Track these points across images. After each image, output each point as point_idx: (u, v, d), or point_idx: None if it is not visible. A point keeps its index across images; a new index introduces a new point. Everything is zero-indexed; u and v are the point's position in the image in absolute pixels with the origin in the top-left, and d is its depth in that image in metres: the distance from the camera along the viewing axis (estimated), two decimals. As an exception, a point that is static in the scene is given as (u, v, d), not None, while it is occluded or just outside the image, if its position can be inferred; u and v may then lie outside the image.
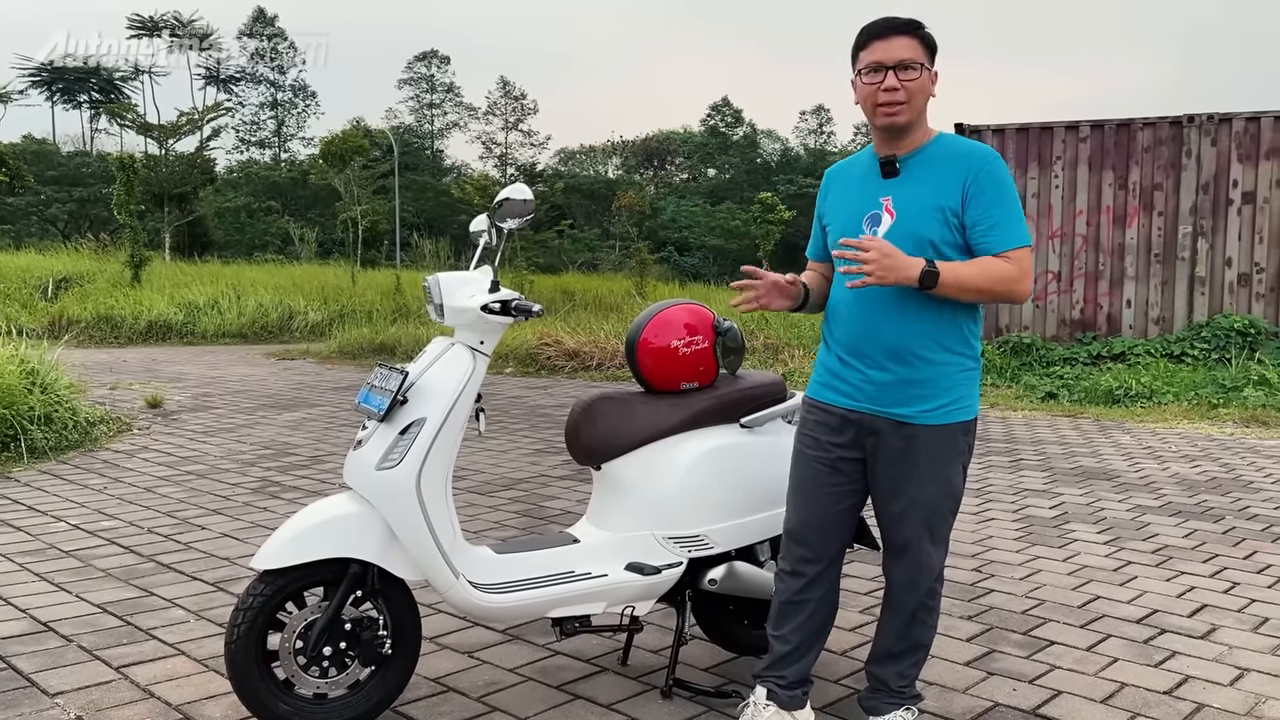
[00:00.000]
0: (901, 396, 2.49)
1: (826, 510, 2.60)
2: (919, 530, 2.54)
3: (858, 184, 2.59)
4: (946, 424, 2.50)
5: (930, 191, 2.45)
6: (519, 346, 12.72)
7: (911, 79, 2.44)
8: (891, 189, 2.50)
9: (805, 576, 2.63)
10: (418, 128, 70.36)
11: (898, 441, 2.51)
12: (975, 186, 2.42)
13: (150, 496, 5.53)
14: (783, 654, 2.65)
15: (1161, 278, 11.20)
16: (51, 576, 4.06)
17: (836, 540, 2.64)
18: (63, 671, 3.10)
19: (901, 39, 2.45)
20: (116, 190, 20.22)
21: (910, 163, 2.50)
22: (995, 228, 2.42)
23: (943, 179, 2.45)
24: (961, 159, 2.46)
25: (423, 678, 3.04)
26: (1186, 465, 6.64)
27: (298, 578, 2.60)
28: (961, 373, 2.52)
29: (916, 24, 2.48)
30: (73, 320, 16.27)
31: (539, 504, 5.45)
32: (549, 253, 37.37)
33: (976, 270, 2.41)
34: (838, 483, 2.59)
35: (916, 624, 2.64)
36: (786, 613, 2.66)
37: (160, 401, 9.04)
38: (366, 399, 2.68)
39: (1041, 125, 11.65)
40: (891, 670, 2.66)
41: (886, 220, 2.49)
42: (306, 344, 15.95)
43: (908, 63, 2.43)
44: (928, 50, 2.48)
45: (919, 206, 2.46)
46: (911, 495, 2.53)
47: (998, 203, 2.43)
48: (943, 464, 2.52)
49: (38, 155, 46.82)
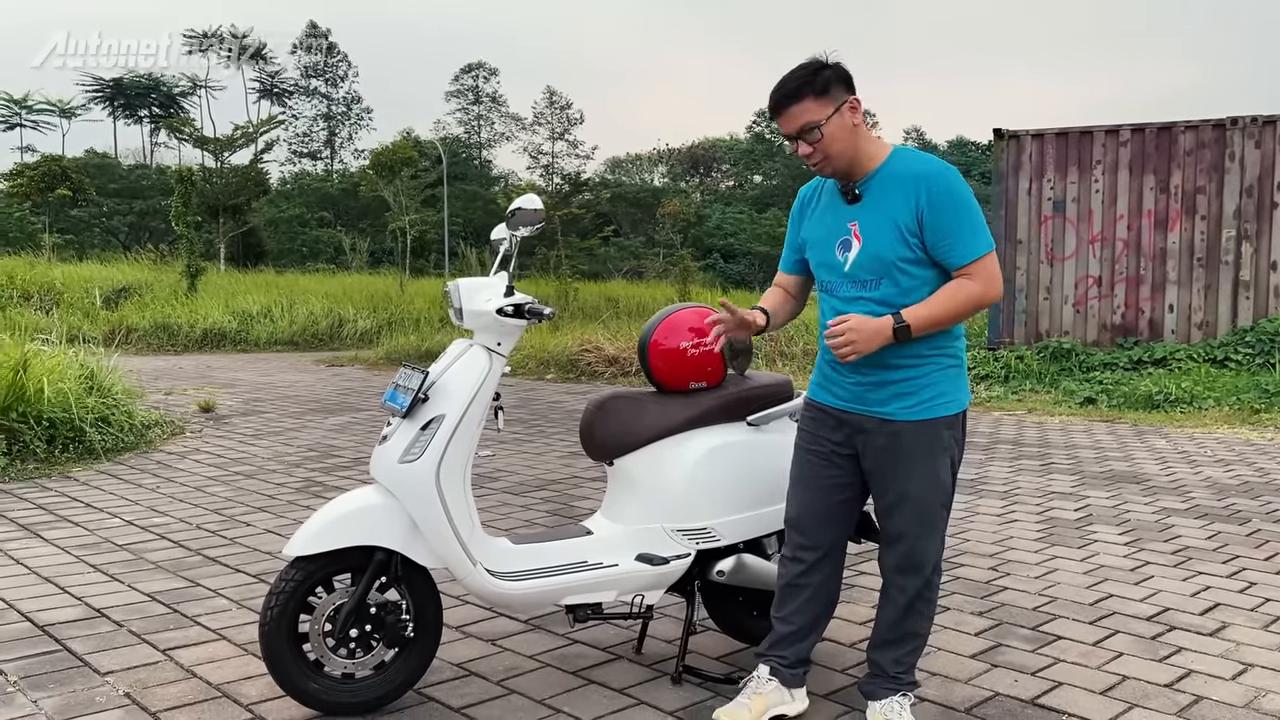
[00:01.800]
0: (883, 396, 2.63)
1: (823, 502, 2.75)
2: (910, 523, 2.67)
3: (828, 210, 2.72)
4: (929, 419, 2.62)
5: (888, 214, 2.57)
6: (560, 352, 12.92)
7: (818, 139, 2.55)
8: (856, 214, 2.62)
9: (804, 563, 2.77)
10: (466, 139, 71.17)
11: (883, 438, 2.64)
12: (928, 205, 2.52)
13: (200, 495, 5.78)
14: (785, 634, 2.80)
15: (1204, 282, 11.09)
16: (106, 568, 4.30)
17: (833, 530, 2.78)
18: (113, 653, 3.31)
19: (793, 107, 2.55)
20: (174, 202, 20.81)
21: (869, 186, 2.62)
22: (954, 244, 2.53)
23: (897, 200, 2.56)
24: (914, 179, 2.55)
25: (446, 662, 3.21)
26: (1220, 469, 6.62)
27: (327, 564, 2.78)
28: (940, 371, 2.63)
29: (803, 84, 2.52)
30: (131, 328, 16.79)
31: (569, 504, 5.61)
32: (594, 260, 37.66)
33: (943, 303, 2.54)
34: (833, 476, 2.74)
35: (912, 614, 2.74)
36: (787, 595, 2.80)
37: (213, 406, 9.36)
38: (392, 397, 2.85)
39: (1081, 129, 11.61)
40: (889, 657, 2.77)
41: (855, 245, 2.61)
42: (355, 351, 16.30)
43: (806, 128, 2.54)
44: (829, 95, 2.53)
45: (879, 229, 2.57)
46: (899, 490, 2.65)
47: (952, 218, 2.53)
48: (928, 458, 2.64)
49: (100, 169, 48.16)
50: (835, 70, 2.55)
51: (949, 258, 2.55)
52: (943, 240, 2.53)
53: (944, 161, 2.63)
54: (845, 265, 2.63)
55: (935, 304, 2.54)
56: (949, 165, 2.59)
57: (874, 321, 2.51)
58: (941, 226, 2.52)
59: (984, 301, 2.56)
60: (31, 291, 20.16)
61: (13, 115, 61.38)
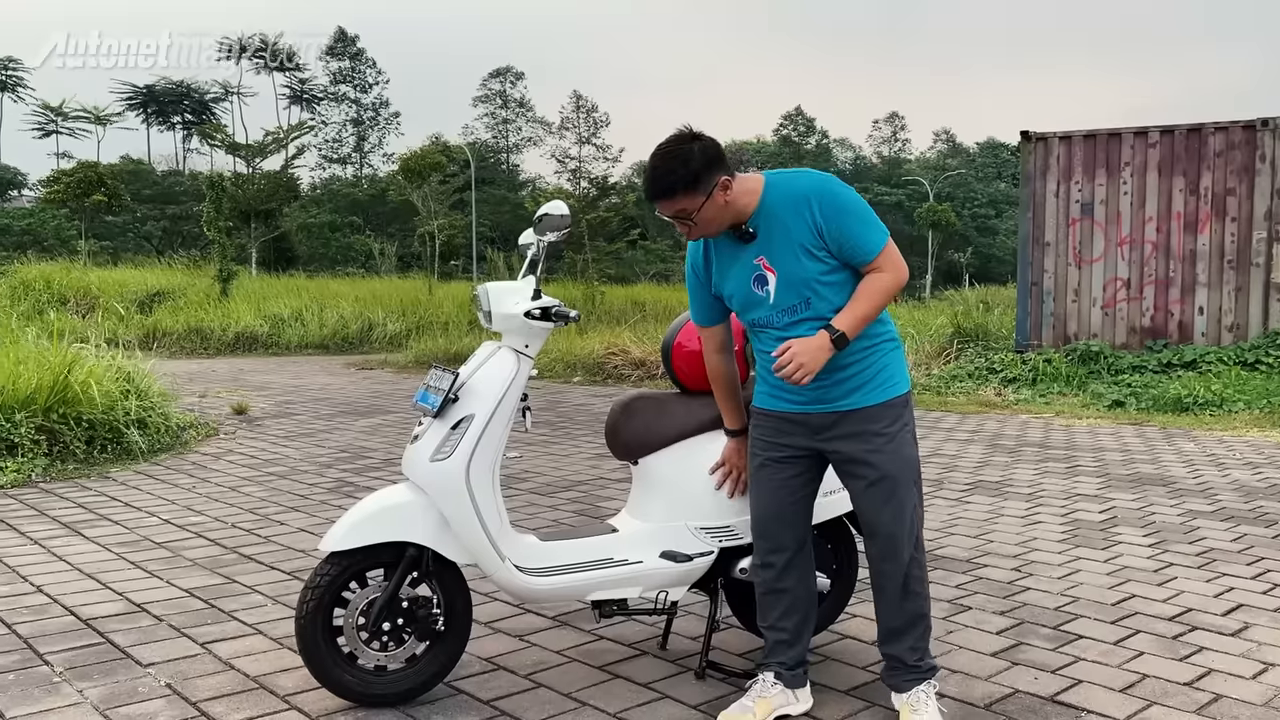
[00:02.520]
0: (843, 390, 2.74)
1: (784, 503, 2.85)
2: (887, 504, 2.75)
3: (729, 255, 2.79)
4: (889, 399, 2.75)
5: (789, 239, 2.67)
6: (587, 356, 13.02)
7: (691, 225, 2.68)
8: (759, 249, 2.72)
9: (775, 567, 2.87)
10: (493, 143, 71.60)
11: (850, 427, 2.74)
12: (823, 219, 2.64)
13: (234, 495, 5.91)
14: (778, 642, 2.89)
15: (1235, 284, 11.02)
16: (145, 565, 4.42)
17: (797, 530, 2.88)
18: (154, 646, 3.42)
19: (664, 203, 2.67)
20: (206, 208, 21.14)
21: (759, 221, 2.71)
22: (857, 245, 2.66)
23: (792, 223, 2.66)
24: (800, 200, 2.66)
25: (475, 656, 3.29)
26: (1248, 472, 6.60)
27: (360, 559, 2.86)
28: (886, 354, 2.78)
29: (672, 184, 2.61)
30: (165, 332, 17.06)
31: (595, 504, 5.69)
32: (621, 264, 37.76)
33: (865, 300, 2.65)
34: (791, 477, 2.84)
35: (910, 596, 2.81)
36: (769, 604, 2.90)
37: (246, 408, 9.52)
38: (423, 397, 2.94)
39: (1109, 131, 11.56)
40: (903, 646, 2.84)
41: (770, 276, 2.71)
42: (385, 354, 16.50)
43: (679, 215, 2.67)
44: (698, 187, 2.61)
45: (786, 256, 2.68)
46: (875, 473, 2.74)
47: (847, 222, 2.65)
48: (896, 436, 2.75)
49: (134, 175, 48.91)
50: (703, 156, 2.62)
51: (855, 258, 2.67)
52: (846, 244, 2.65)
53: (815, 172, 2.75)
54: (770, 298, 2.73)
55: (859, 304, 2.65)
56: (823, 174, 2.73)
57: (812, 340, 2.61)
58: (841, 233, 2.65)
59: (898, 286, 2.69)
60: (68, 296, 20.55)
61: (48, 122, 62.42)
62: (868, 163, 75.90)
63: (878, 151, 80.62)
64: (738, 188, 2.68)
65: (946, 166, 71.57)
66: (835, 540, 3.36)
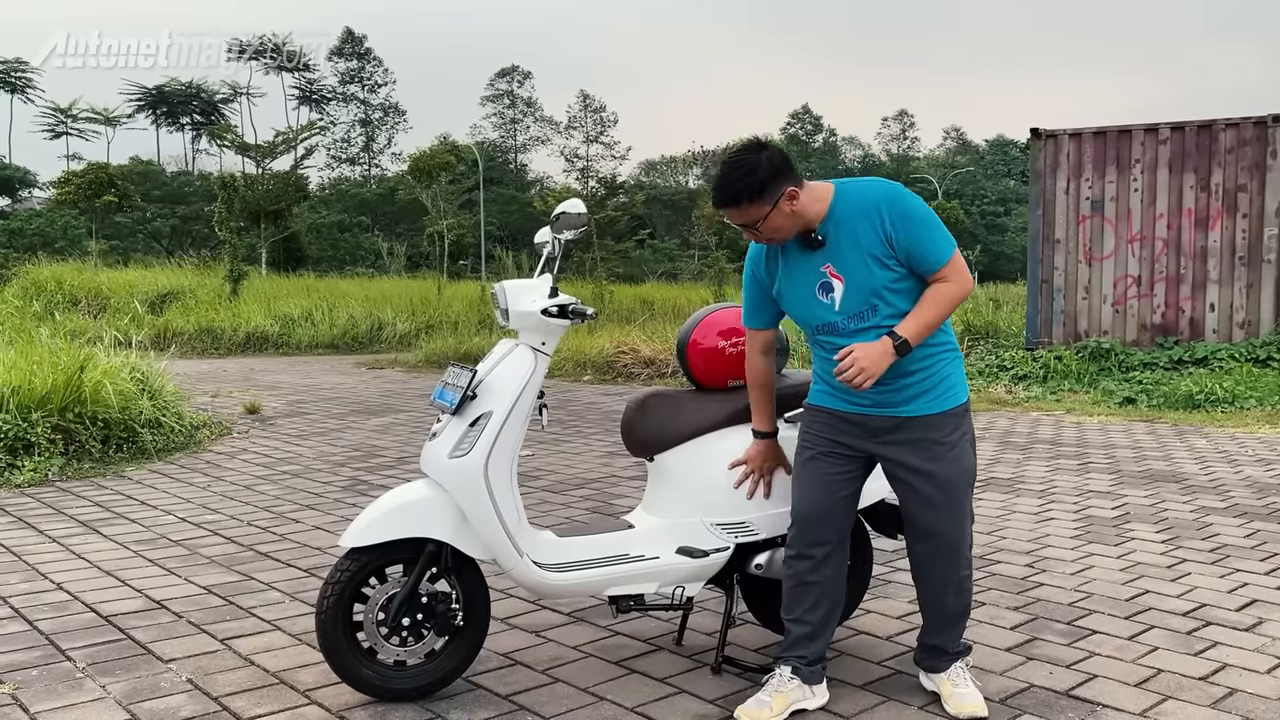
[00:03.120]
0: (906, 396, 2.77)
1: (831, 497, 2.87)
2: (944, 511, 2.79)
3: (795, 260, 2.82)
4: (950, 408, 2.79)
5: (858, 247, 2.70)
6: (596, 354, 13.04)
7: (759, 232, 2.72)
8: (826, 256, 2.75)
9: (813, 559, 2.88)
10: (501, 143, 71.68)
11: (908, 434, 2.78)
12: (893, 227, 2.68)
13: (249, 493, 5.94)
14: (801, 635, 2.90)
15: (1246, 281, 10.99)
16: (163, 562, 4.46)
17: (840, 525, 2.90)
18: (174, 642, 3.45)
19: (733, 210, 2.71)
20: (217, 208, 21.22)
21: (828, 229, 2.74)
22: (926, 254, 2.69)
23: (862, 232, 2.69)
24: (871, 209, 2.69)
25: (493, 652, 3.32)
26: (1261, 469, 6.59)
27: (380, 555, 2.89)
28: (948, 364, 2.81)
29: (739, 192, 2.66)
30: (176, 332, 17.13)
31: (608, 501, 5.71)
32: (629, 263, 37.80)
33: (928, 310, 2.69)
34: (841, 474, 2.87)
35: (960, 594, 2.89)
36: (799, 595, 2.91)
37: (258, 408, 9.57)
38: (441, 395, 2.96)
39: (1119, 128, 11.54)
40: (946, 637, 2.93)
41: (837, 285, 2.74)
42: (395, 354, 16.54)
43: (749, 222, 2.71)
44: (763, 197, 2.66)
45: (856, 264, 2.71)
46: (934, 480, 2.77)
47: (918, 232, 2.69)
48: (956, 445, 2.78)
49: (144, 175, 49.11)
50: (770, 165, 2.66)
51: (923, 267, 2.71)
52: (915, 253, 2.69)
53: (886, 181, 2.78)
54: (835, 305, 2.76)
55: (924, 313, 2.68)
56: (894, 184, 2.75)
57: (875, 346, 2.65)
58: (911, 242, 2.68)
59: (962, 297, 2.73)
60: (79, 297, 20.65)
61: (58, 124, 62.68)
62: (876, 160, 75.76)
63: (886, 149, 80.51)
64: (806, 197, 2.71)
65: (955, 164, 71.43)
66: (852, 536, 3.37)
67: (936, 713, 2.88)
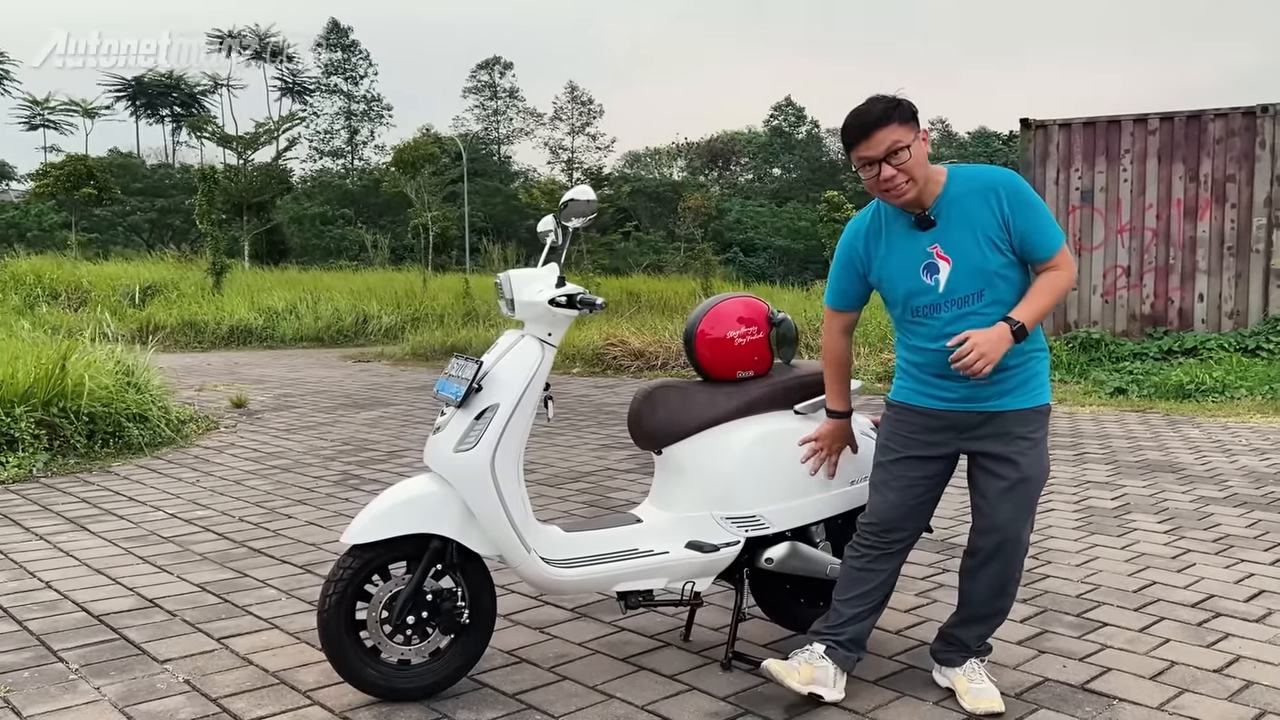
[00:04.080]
0: (997, 390, 2.74)
1: (916, 497, 2.86)
2: (1017, 506, 2.77)
3: (899, 240, 2.78)
4: (1037, 405, 2.78)
5: (973, 229, 2.68)
6: (585, 347, 12.97)
7: (903, 161, 2.64)
8: (935, 237, 2.72)
9: (880, 551, 2.87)
10: (485, 134, 71.33)
11: (995, 427, 2.76)
12: (1010, 210, 2.66)
13: (239, 488, 5.85)
14: (849, 616, 2.87)
15: (1235, 271, 11.02)
16: (154, 559, 4.37)
17: (918, 524, 2.91)
18: (169, 641, 3.37)
19: (880, 131, 2.64)
20: (199, 200, 20.98)
21: (940, 209, 2.71)
22: (1038, 241, 2.69)
23: (978, 214, 2.67)
24: (986, 190, 2.68)
25: (497, 650, 3.25)
26: (1256, 458, 6.59)
27: (383, 552, 2.81)
28: (1038, 361, 2.81)
29: (889, 109, 2.63)
30: (159, 326, 16.95)
31: (605, 495, 5.65)
32: (615, 255, 37.71)
33: (1043, 297, 2.68)
34: (926, 476, 2.85)
35: (1004, 595, 2.88)
36: (857, 580, 2.88)
37: (245, 402, 9.45)
38: (445, 387, 2.89)
39: (1109, 119, 11.54)
40: (973, 633, 2.90)
41: (943, 266, 2.71)
42: (381, 347, 16.41)
43: (894, 148, 2.63)
44: (910, 121, 2.64)
45: (969, 245, 2.68)
46: (1016, 475, 2.76)
47: (1032, 217, 2.68)
48: (1039, 442, 2.79)
49: (123, 168, 48.55)
50: (909, 104, 2.67)
51: (1035, 254, 2.70)
52: (1029, 239, 2.68)
53: (1000, 167, 2.77)
54: (939, 287, 2.72)
55: (1037, 300, 2.68)
56: (1007, 170, 2.74)
57: (992, 331, 2.62)
58: (1025, 228, 2.68)
59: (1070, 286, 2.75)
60: (59, 290, 20.41)
61: (34, 115, 61.95)
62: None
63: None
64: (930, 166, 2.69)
65: (940, 155, 71.58)
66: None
67: (952, 708, 2.84)
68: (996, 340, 2.59)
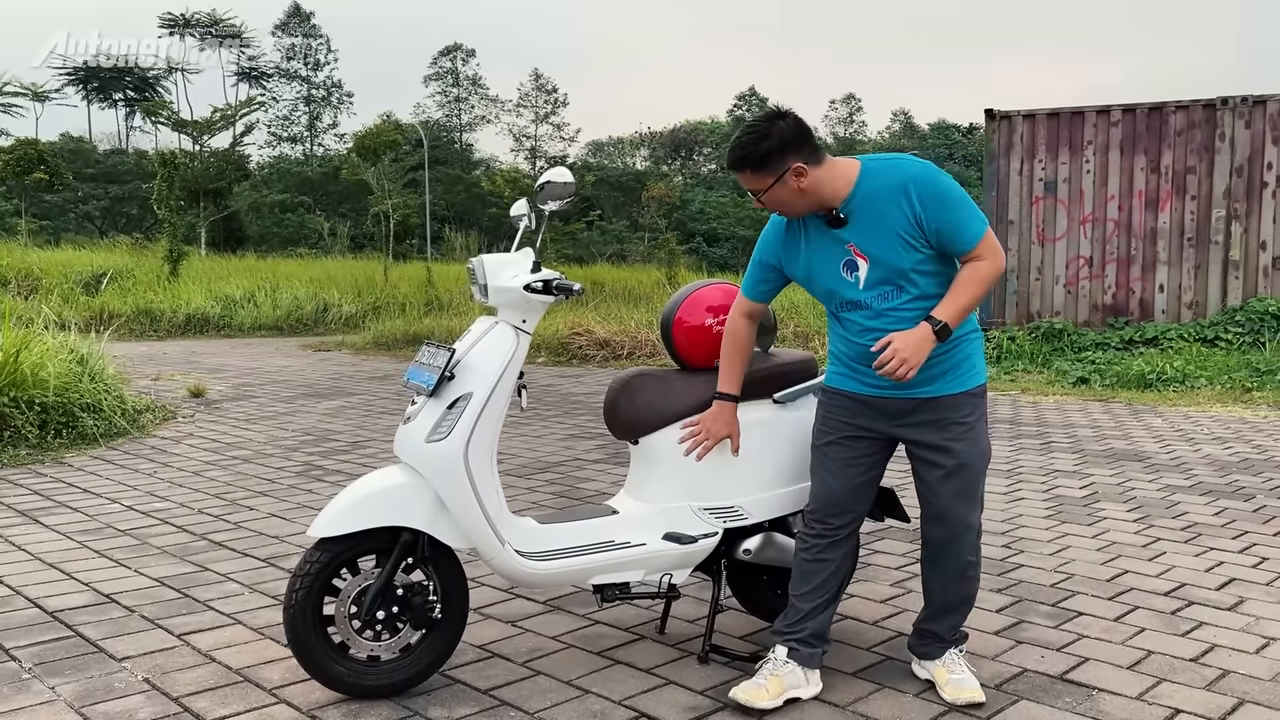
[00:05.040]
0: (928, 376, 2.66)
1: (852, 483, 2.80)
2: (959, 492, 2.72)
3: (820, 235, 2.70)
4: (970, 389, 2.71)
5: (885, 228, 2.59)
6: (551, 336, 12.87)
7: (765, 200, 2.62)
8: (849, 235, 2.64)
9: (828, 539, 2.82)
10: (446, 122, 70.71)
11: (927, 414, 2.70)
12: (921, 207, 2.56)
13: (199, 480, 5.70)
14: (806, 610, 2.82)
15: (1195, 262, 11.15)
16: (110, 553, 4.23)
17: (859, 509, 2.84)
18: (128, 638, 3.25)
19: (742, 175, 2.61)
20: (157, 185, 20.57)
21: (851, 207, 2.62)
22: (957, 234, 2.59)
23: (889, 212, 2.58)
24: (898, 188, 2.58)
25: (469, 644, 3.17)
26: (1218, 447, 6.65)
27: (352, 545, 2.72)
28: (970, 343, 2.73)
29: (744, 158, 2.57)
30: (113, 314, 16.59)
31: (574, 486, 5.58)
32: (578, 244, 37.57)
33: (966, 291, 2.59)
34: (862, 458, 2.79)
35: (966, 580, 2.83)
36: (810, 572, 2.83)
37: (203, 391, 9.26)
38: (415, 375, 2.80)
39: (1072, 110, 11.63)
40: (944, 624, 2.86)
41: (861, 263, 2.64)
42: (341, 336, 16.19)
43: (755, 193, 2.62)
44: (767, 169, 2.56)
45: (882, 244, 2.60)
46: (953, 461, 2.70)
47: (949, 212, 2.58)
48: (975, 425, 2.72)
49: (75, 153, 47.55)
50: (779, 137, 2.54)
51: (955, 248, 2.61)
52: (946, 234, 2.59)
53: (914, 159, 2.67)
54: (859, 284, 2.66)
55: (960, 294, 2.59)
56: (922, 162, 2.64)
57: (914, 334, 2.55)
58: (942, 223, 2.57)
59: (998, 275, 2.64)
60: (9, 277, 19.90)
61: (-17, 99, 60.44)
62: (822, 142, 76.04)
63: (833, 132, 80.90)
64: (824, 174, 2.59)
65: (901, 148, 71.95)
66: None
67: (932, 700, 2.80)
68: (918, 343, 2.53)
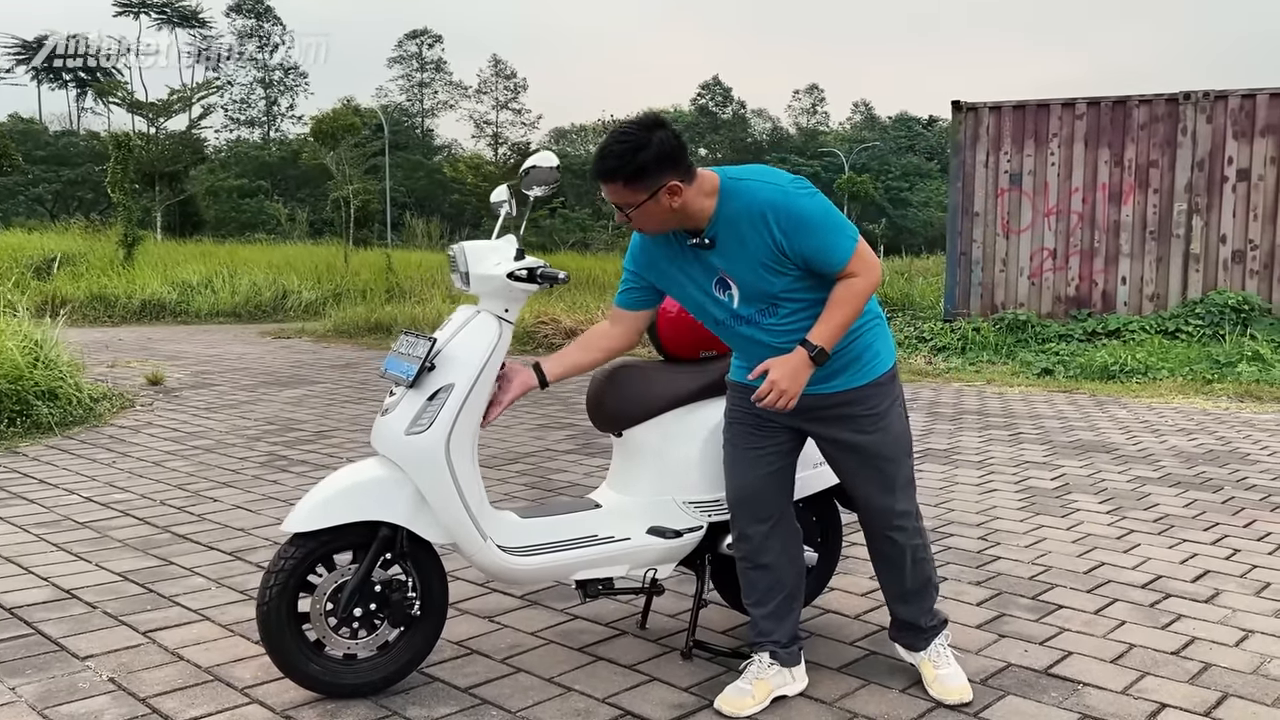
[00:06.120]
0: (826, 373, 2.59)
1: (760, 473, 2.73)
2: (877, 485, 2.68)
3: (686, 252, 2.60)
4: (873, 380, 2.64)
5: (749, 255, 2.50)
6: (516, 325, 12.72)
7: (633, 216, 2.50)
8: (716, 259, 2.55)
9: (752, 539, 2.76)
10: (408, 107, 69.95)
11: (833, 410, 2.64)
12: (783, 235, 2.46)
13: (159, 470, 5.56)
14: (766, 618, 2.77)
15: (1156, 255, 11.26)
16: (69, 546, 4.10)
17: (775, 501, 2.75)
18: (90, 636, 3.14)
19: (606, 185, 2.48)
20: (111, 168, 20.12)
21: (716, 230, 2.52)
22: (826, 256, 2.48)
23: (751, 240, 2.48)
24: (758, 216, 2.46)
25: (447, 641, 3.09)
26: (1183, 438, 6.72)
27: (328, 541, 2.64)
28: (869, 332, 2.65)
29: (617, 168, 2.41)
30: (66, 299, 16.19)
31: (546, 477, 5.51)
32: (540, 232, 37.32)
33: (840, 309, 2.48)
34: (767, 446, 2.72)
35: (917, 563, 2.79)
36: (753, 580, 2.78)
37: (161, 379, 9.05)
38: (394, 365, 2.71)
39: (1038, 102, 11.68)
40: (912, 610, 2.82)
41: (732, 285, 2.57)
42: (302, 323, 15.94)
43: (620, 207, 2.50)
44: (641, 183, 2.42)
45: (748, 271, 2.52)
46: (865, 453, 2.66)
47: (813, 237, 2.46)
48: (885, 415, 2.66)
49: (25, 135, 46.44)
50: (658, 149, 2.40)
51: (825, 271, 2.50)
52: (813, 260, 2.48)
53: (773, 182, 2.50)
54: (734, 303, 2.59)
55: (835, 314, 2.48)
56: (781, 186, 2.49)
57: (790, 360, 2.47)
58: (807, 250, 2.47)
59: (873, 287, 2.52)
60: (-44, 261, 19.38)
61: (-71, 78, 58.81)
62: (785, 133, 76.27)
63: (796, 122, 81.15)
64: (693, 192, 2.47)
65: (863, 139, 72.37)
66: (820, 514, 3.25)
67: (919, 695, 2.77)
68: (794, 371, 2.45)
